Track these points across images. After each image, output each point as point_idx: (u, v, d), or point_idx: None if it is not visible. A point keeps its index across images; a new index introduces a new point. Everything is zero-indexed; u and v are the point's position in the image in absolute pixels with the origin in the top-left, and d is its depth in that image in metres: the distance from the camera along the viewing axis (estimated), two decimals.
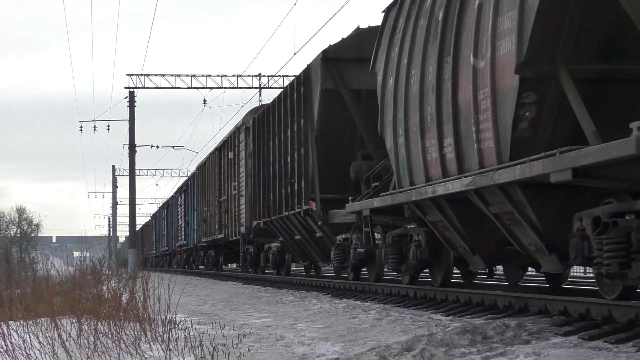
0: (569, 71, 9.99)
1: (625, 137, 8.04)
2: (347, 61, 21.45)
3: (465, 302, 12.75)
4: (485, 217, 12.09)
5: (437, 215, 13.12)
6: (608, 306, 9.11)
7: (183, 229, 53.05)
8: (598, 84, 10.40)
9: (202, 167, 45.75)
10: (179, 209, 55.36)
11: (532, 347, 7.90)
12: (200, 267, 47.20)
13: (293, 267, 30.56)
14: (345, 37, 22.74)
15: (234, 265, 42.63)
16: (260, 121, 29.22)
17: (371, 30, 21.22)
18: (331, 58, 21.73)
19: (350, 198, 17.14)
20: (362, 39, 21.39)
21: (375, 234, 17.02)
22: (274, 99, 27.54)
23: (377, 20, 18.27)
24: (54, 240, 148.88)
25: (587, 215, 9.55)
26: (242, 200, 32.18)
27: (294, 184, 23.85)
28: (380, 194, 15.78)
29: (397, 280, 18.05)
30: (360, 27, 22.60)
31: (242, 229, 32.46)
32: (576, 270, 29.28)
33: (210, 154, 43.69)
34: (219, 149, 39.26)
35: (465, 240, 13.02)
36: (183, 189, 55.13)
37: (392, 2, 15.91)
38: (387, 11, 16.13)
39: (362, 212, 15.71)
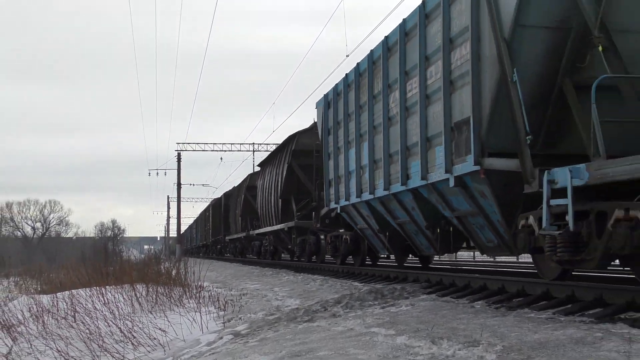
0: None
1: None
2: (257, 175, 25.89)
3: (372, 274, 12.64)
4: None
5: None
6: (452, 277, 9.14)
7: (194, 237, 62.79)
8: None
9: (202, 213, 55.19)
10: (194, 230, 64.76)
11: (409, 300, 7.92)
12: (199, 254, 54.97)
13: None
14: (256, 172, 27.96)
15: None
16: (223, 199, 37.71)
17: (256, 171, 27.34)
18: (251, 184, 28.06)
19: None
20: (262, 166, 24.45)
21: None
22: (224, 195, 38.03)
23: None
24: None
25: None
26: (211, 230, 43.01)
27: (233, 225, 32.57)
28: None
29: (350, 263, 17.79)
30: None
31: (211, 240, 43.80)
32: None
33: (202, 211, 55.31)
34: (206, 209, 49.40)
35: None
36: (195, 221, 64.28)
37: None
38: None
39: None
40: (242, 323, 8.04)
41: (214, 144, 48.01)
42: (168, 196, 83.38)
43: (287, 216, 19.78)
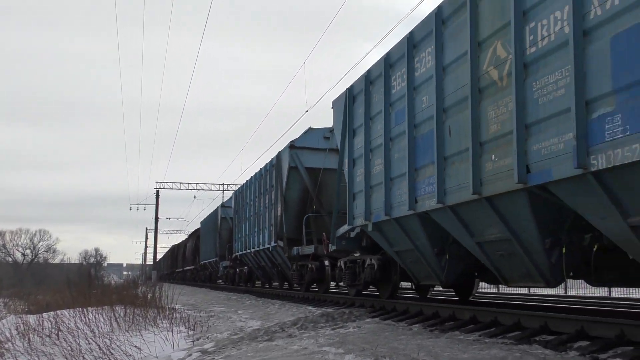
0: None
1: None
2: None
3: (324, 300, 12.50)
4: None
5: None
6: (393, 303, 9.10)
7: (169, 266, 60.23)
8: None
9: (167, 253, 59.57)
10: (167, 260, 62.26)
11: (356, 323, 7.87)
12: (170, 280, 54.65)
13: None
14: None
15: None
16: (176, 248, 45.04)
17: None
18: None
19: None
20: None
21: None
22: (176, 245, 45.43)
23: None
24: (124, 265, 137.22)
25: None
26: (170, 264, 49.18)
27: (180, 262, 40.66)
28: None
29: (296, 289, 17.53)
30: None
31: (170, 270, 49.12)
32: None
33: (167, 251, 59.56)
34: (168, 251, 55.90)
35: None
36: (164, 256, 65.84)
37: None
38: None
39: None
40: (209, 342, 7.84)
41: (188, 183, 47.87)
42: (146, 228, 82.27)
43: (195, 261, 36.23)
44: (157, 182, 48.11)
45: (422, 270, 8.72)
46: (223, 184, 48.28)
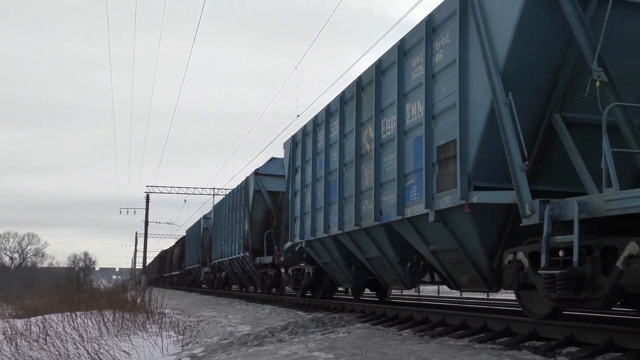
0: None
1: None
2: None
3: (315, 305, 12.49)
4: None
5: None
6: (383, 308, 9.13)
7: (157, 271, 60.73)
8: None
9: (155, 258, 61.74)
10: (156, 265, 62.22)
11: (346, 328, 7.86)
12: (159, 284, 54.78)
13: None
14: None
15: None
16: (163, 254, 46.62)
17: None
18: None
19: None
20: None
21: None
22: (163, 251, 49.21)
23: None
24: (117, 269, 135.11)
25: None
26: (158, 269, 50.82)
27: (167, 267, 43.29)
28: None
29: (292, 294, 17.54)
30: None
31: (158, 275, 50.60)
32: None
33: (155, 257, 62.17)
34: (156, 257, 58.30)
35: None
36: (152, 261, 66.62)
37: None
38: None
39: None
40: (198, 346, 7.81)
41: (179, 187, 47.57)
42: (136, 232, 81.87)
43: (181, 267, 38.59)
44: (147, 186, 48.22)
45: (340, 277, 11.69)
46: (214, 188, 48.24)
